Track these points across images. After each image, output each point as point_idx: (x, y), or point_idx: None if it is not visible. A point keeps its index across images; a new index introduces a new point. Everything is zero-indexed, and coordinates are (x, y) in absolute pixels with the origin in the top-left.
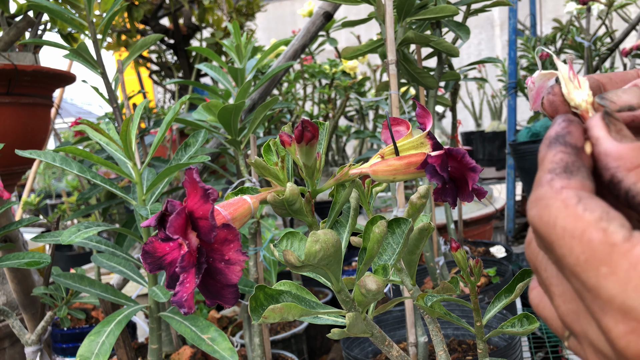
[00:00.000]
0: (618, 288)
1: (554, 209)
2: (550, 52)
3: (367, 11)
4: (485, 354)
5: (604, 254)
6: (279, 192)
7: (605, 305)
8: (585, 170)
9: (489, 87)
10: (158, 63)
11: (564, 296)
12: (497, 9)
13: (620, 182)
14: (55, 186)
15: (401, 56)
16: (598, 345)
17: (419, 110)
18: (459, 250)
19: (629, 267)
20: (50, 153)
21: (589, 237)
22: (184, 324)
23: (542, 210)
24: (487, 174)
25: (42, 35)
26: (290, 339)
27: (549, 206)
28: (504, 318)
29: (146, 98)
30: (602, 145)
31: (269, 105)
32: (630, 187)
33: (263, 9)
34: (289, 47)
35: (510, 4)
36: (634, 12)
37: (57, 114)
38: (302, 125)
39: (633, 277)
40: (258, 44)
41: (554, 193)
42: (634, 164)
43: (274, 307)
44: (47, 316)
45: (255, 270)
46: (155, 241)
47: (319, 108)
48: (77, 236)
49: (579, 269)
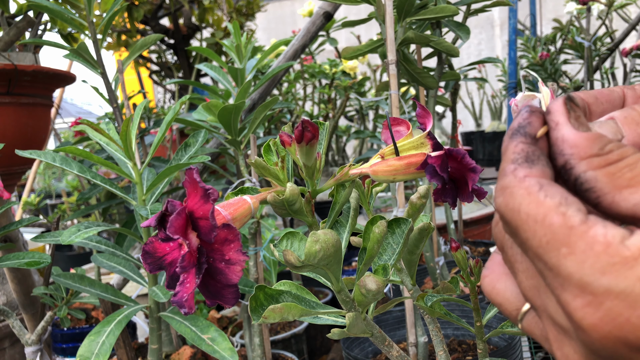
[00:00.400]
0: (576, 266)
1: (518, 196)
2: (536, 76)
3: (367, 11)
4: (485, 354)
5: (563, 235)
6: (279, 192)
7: (564, 282)
8: (545, 158)
9: (489, 87)
10: (158, 63)
11: (526, 272)
12: (497, 9)
13: (572, 168)
14: (55, 186)
15: (401, 56)
16: (556, 318)
17: (419, 110)
18: (459, 250)
19: (586, 247)
20: (50, 153)
21: (550, 221)
22: (184, 324)
23: (507, 198)
24: (487, 174)
25: (42, 35)
26: (290, 339)
27: (514, 194)
28: (504, 318)
29: (146, 98)
30: (560, 131)
31: (269, 105)
32: (581, 174)
33: (263, 9)
34: (289, 47)
35: (510, 4)
36: (634, 12)
37: (57, 114)
38: (302, 125)
39: (589, 256)
40: (258, 44)
41: (517, 182)
42: (587, 154)
43: (274, 307)
44: (47, 316)
45: (255, 270)
46: (155, 241)
47: (319, 108)
48: (77, 236)
49: (541, 250)
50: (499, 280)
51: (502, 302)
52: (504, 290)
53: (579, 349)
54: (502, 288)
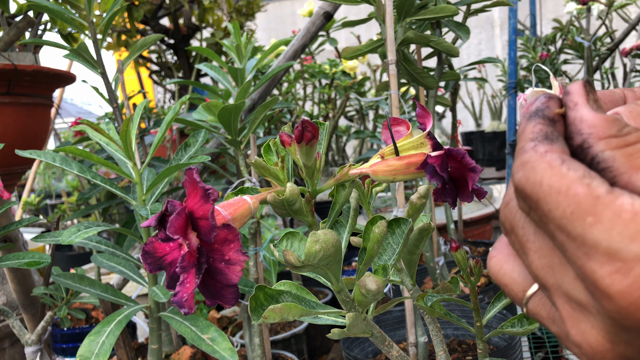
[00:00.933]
0: (603, 234)
1: (540, 169)
2: (547, 70)
3: (367, 11)
4: (485, 354)
5: (589, 205)
6: (279, 192)
7: (590, 250)
8: (562, 139)
9: (489, 87)
10: (158, 63)
11: (539, 251)
12: (497, 9)
13: (590, 147)
14: (55, 186)
15: (401, 56)
16: (573, 293)
17: (419, 110)
18: (459, 250)
19: (613, 215)
20: (50, 153)
21: (575, 191)
22: (184, 324)
23: (528, 172)
24: (487, 174)
25: (42, 35)
26: (290, 339)
27: (535, 168)
28: (504, 318)
29: (146, 98)
30: (579, 111)
31: (269, 105)
32: (598, 154)
33: (263, 9)
34: (289, 47)
35: (510, 4)
36: (634, 12)
37: (57, 114)
38: (302, 125)
39: (617, 224)
40: (258, 44)
41: (538, 156)
42: (606, 134)
43: (274, 307)
44: (47, 316)
45: (255, 270)
46: (155, 241)
47: (319, 108)
48: (77, 236)
49: (565, 221)
50: (506, 261)
51: (508, 283)
52: (511, 271)
53: (598, 323)
54: (510, 269)
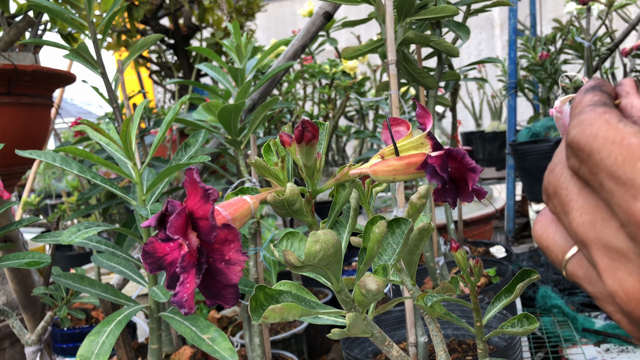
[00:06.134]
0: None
1: (597, 125)
2: (580, 77)
3: (367, 11)
4: (485, 354)
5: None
6: (279, 192)
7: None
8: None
9: (489, 87)
10: (158, 63)
11: (582, 209)
12: (497, 9)
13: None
14: (55, 186)
15: (401, 56)
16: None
17: (419, 111)
18: (459, 250)
19: None
20: (50, 153)
21: (629, 141)
22: (184, 324)
23: (585, 127)
24: (487, 174)
25: (42, 35)
26: (290, 339)
27: (592, 124)
28: (504, 318)
29: (146, 98)
30: (630, 99)
31: (269, 105)
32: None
33: (263, 9)
34: (289, 47)
35: (510, 4)
36: (634, 12)
37: (57, 114)
38: (302, 126)
39: None
40: (258, 44)
41: (596, 115)
42: None
43: (274, 307)
44: (47, 316)
45: (255, 270)
46: (155, 241)
47: (319, 108)
48: (77, 236)
49: (615, 167)
50: (550, 225)
51: (550, 244)
52: (554, 234)
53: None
54: (552, 232)
